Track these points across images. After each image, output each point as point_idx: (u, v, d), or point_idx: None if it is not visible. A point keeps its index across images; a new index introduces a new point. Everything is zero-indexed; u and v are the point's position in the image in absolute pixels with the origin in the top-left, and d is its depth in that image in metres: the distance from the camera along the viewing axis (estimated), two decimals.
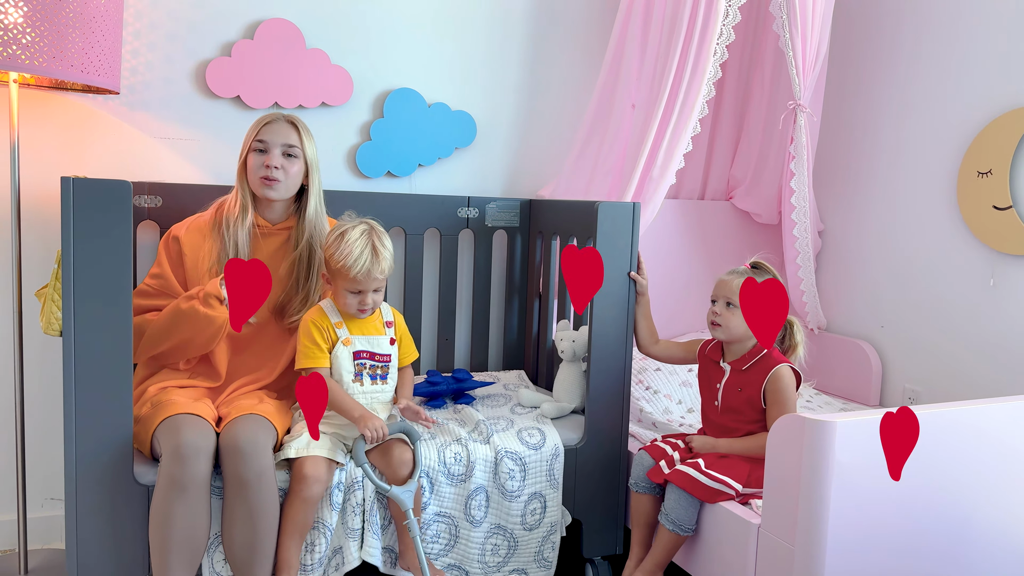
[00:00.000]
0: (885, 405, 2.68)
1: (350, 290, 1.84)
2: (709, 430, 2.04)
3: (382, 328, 1.95)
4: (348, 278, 1.82)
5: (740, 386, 1.96)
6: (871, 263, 2.75)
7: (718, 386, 2.00)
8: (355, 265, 1.80)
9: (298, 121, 1.97)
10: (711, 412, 2.03)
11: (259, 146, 1.92)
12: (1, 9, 1.75)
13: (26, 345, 2.14)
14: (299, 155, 1.95)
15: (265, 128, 1.93)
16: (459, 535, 1.97)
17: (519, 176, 2.76)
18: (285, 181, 1.94)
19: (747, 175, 2.90)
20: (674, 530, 1.88)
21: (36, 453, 2.23)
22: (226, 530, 1.71)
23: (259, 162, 1.92)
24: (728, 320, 1.95)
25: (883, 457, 1.58)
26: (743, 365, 1.97)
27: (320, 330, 1.85)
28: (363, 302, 1.85)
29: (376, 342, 1.92)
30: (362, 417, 1.79)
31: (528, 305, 2.66)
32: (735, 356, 1.99)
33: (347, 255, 1.80)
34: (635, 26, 2.53)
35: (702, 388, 2.09)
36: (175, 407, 1.75)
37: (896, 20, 2.67)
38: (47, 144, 2.20)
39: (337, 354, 1.86)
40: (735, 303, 1.94)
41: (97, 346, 1.66)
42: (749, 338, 1.97)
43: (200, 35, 2.31)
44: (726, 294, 1.96)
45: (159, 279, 1.93)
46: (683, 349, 2.17)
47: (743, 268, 2.00)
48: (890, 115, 2.68)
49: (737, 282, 1.94)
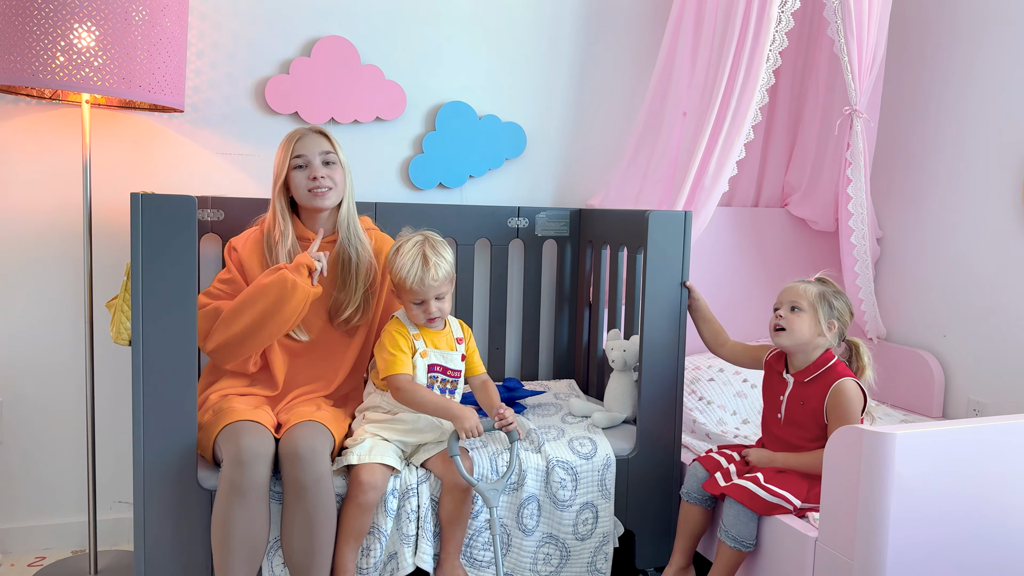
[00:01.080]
0: (948, 417, 2.60)
1: (412, 301, 1.90)
2: (770, 443, 2.00)
3: (454, 344, 2.00)
4: (406, 289, 1.88)
5: (803, 399, 1.91)
6: (932, 271, 2.68)
7: (781, 398, 1.95)
8: (408, 276, 1.86)
9: (326, 130, 2.02)
10: (773, 425, 1.98)
11: (298, 162, 1.96)
12: (75, 34, 1.84)
13: (97, 354, 2.23)
14: (337, 160, 1.99)
15: (298, 143, 1.97)
16: (511, 543, 1.98)
17: (569, 186, 2.77)
18: (335, 188, 1.98)
19: (803, 181, 2.86)
20: (736, 547, 1.84)
21: (106, 458, 2.32)
22: (285, 534, 1.75)
23: (304, 176, 1.96)
24: (793, 323, 1.90)
25: (948, 470, 1.54)
26: (806, 377, 1.91)
27: (404, 337, 1.91)
28: (427, 311, 1.90)
29: (449, 357, 1.97)
30: (458, 417, 1.84)
31: (578, 314, 2.66)
32: (798, 367, 1.94)
33: (401, 267, 1.87)
34: (686, 34, 2.52)
35: (765, 399, 2.04)
36: (236, 414, 1.81)
37: (955, 21, 2.60)
38: (116, 161, 2.30)
39: (414, 364, 1.91)
40: (800, 306, 1.89)
41: (164, 355, 1.72)
42: (814, 347, 1.91)
43: (259, 53, 2.39)
44: (791, 298, 1.91)
45: (229, 283, 1.98)
46: (747, 353, 2.11)
47: (810, 280, 1.96)
48: (951, 119, 2.61)
49: (804, 287, 1.90)
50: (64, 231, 2.27)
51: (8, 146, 2.21)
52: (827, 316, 1.90)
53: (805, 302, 1.90)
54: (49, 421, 2.31)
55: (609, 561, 2.07)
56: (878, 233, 2.82)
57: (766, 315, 2.03)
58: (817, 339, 1.90)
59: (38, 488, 2.33)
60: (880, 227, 2.84)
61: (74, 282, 2.29)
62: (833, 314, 1.90)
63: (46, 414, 2.31)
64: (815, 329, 1.89)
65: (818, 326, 1.89)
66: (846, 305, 1.93)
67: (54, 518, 2.34)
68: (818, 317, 1.89)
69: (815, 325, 1.89)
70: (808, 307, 1.90)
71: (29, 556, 2.29)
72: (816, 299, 1.90)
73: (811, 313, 1.89)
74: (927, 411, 2.60)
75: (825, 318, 1.89)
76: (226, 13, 2.35)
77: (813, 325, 1.89)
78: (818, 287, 1.92)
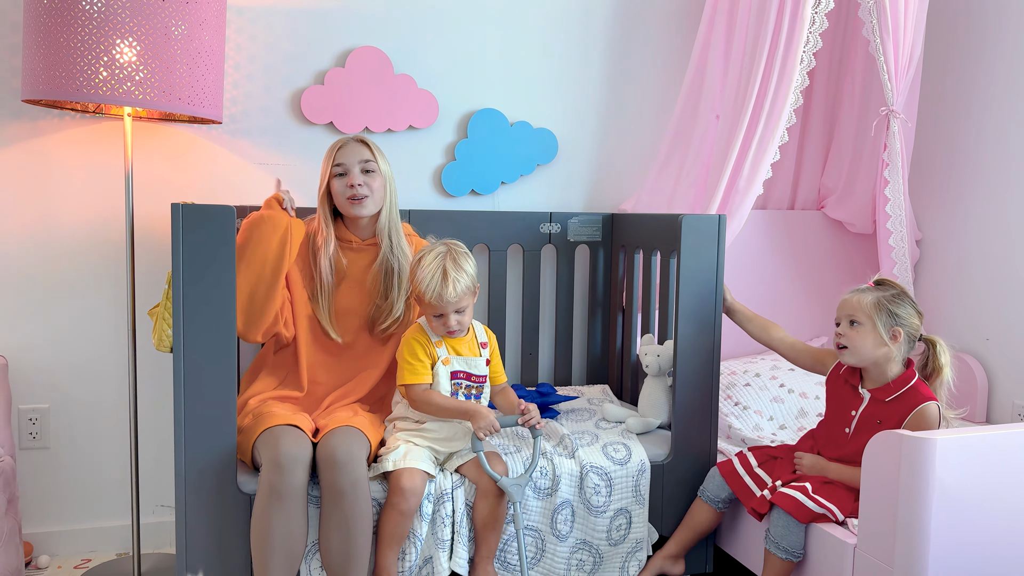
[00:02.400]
0: (993, 422, 2.54)
1: (432, 314, 1.91)
2: (826, 451, 1.92)
3: (477, 349, 2.00)
4: (425, 302, 1.89)
5: (880, 418, 1.81)
6: (975, 273, 2.62)
7: (853, 413, 1.87)
8: (428, 289, 1.86)
9: (368, 139, 2.05)
10: (839, 437, 1.89)
11: (338, 170, 2.00)
12: (117, 50, 1.90)
13: (139, 361, 2.28)
14: (376, 169, 2.02)
15: (340, 152, 2.01)
16: (545, 549, 1.98)
17: (601, 190, 2.77)
18: (372, 196, 2.01)
19: (839, 183, 2.82)
20: (786, 558, 1.80)
21: (148, 462, 2.37)
22: (323, 538, 1.77)
23: (343, 184, 1.99)
24: (854, 340, 1.81)
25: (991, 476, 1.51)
26: (886, 396, 1.82)
27: (422, 346, 1.92)
28: (446, 323, 1.89)
29: (473, 363, 1.97)
30: (475, 416, 1.85)
31: (611, 319, 2.66)
32: (876, 384, 1.85)
33: (420, 280, 1.87)
34: (718, 37, 2.51)
35: (832, 410, 1.94)
36: (275, 419, 1.84)
37: (997, 18, 2.55)
38: (157, 172, 2.35)
39: (436, 372, 1.92)
40: (859, 320, 1.81)
41: (204, 362, 1.76)
42: (887, 359, 1.81)
43: (295, 65, 2.43)
44: (848, 312, 1.83)
45: None
46: (812, 356, 2.03)
47: (865, 285, 1.87)
48: (995, 117, 2.56)
49: (858, 298, 1.82)
50: (107, 241, 2.33)
51: (54, 159, 2.28)
52: (887, 325, 1.79)
53: (862, 314, 1.80)
54: (94, 427, 2.38)
55: (641, 567, 2.06)
56: (917, 235, 2.77)
57: (803, 319, 2.01)
58: (883, 351, 1.80)
59: (84, 492, 2.39)
60: (919, 229, 2.79)
61: (117, 291, 2.35)
62: (895, 321, 1.80)
63: (91, 420, 2.37)
64: (878, 341, 1.80)
65: (880, 338, 1.80)
66: (911, 307, 1.82)
67: (99, 522, 2.40)
68: (878, 329, 1.79)
69: (876, 337, 1.80)
70: (866, 319, 1.80)
71: (75, 558, 2.35)
72: (873, 309, 1.80)
73: (870, 325, 1.80)
74: (970, 416, 2.54)
75: (885, 328, 1.79)
76: (262, 26, 2.39)
77: (875, 338, 1.80)
78: (874, 294, 1.82)
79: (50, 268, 2.30)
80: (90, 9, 1.86)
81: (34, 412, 2.32)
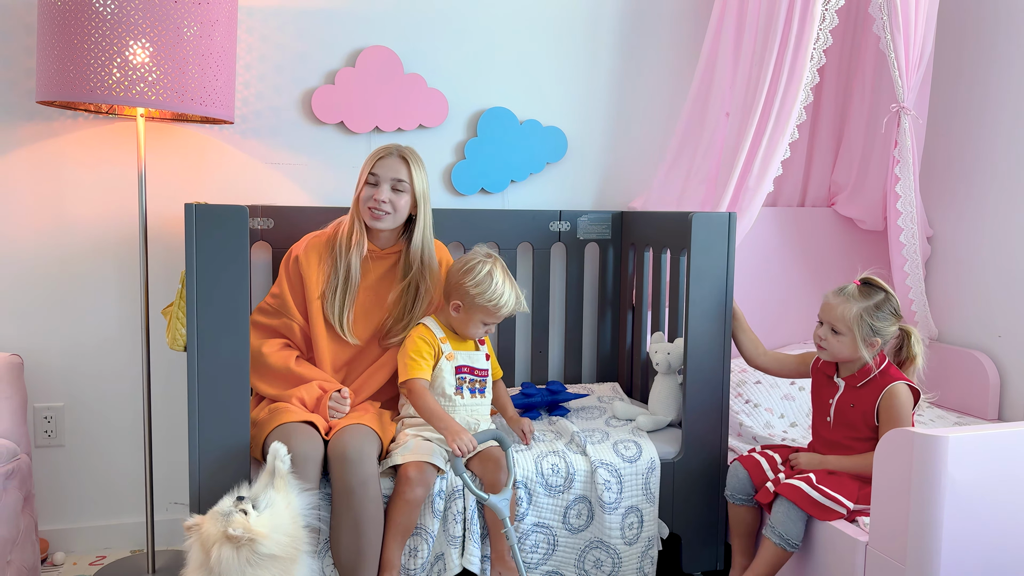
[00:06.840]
0: (1004, 419, 2.53)
1: (485, 321, 1.99)
2: (819, 446, 1.99)
3: (476, 345, 2.06)
4: (492, 314, 1.98)
5: (853, 402, 1.91)
6: (987, 270, 2.61)
7: (831, 402, 1.95)
8: (505, 306, 1.97)
9: (410, 155, 2.05)
10: (823, 428, 1.98)
11: (372, 179, 2.02)
12: (130, 51, 1.91)
13: (153, 360, 2.30)
14: (407, 189, 2.03)
15: (379, 163, 2.02)
16: (557, 543, 1.99)
17: (610, 188, 2.77)
18: (393, 214, 2.02)
19: (850, 180, 2.81)
20: (780, 544, 1.84)
21: (162, 460, 2.39)
22: (334, 535, 1.79)
23: (369, 195, 2.01)
24: (832, 345, 1.91)
25: (1003, 474, 1.51)
26: (858, 382, 1.91)
27: (428, 344, 1.96)
28: (489, 329, 2.04)
29: (475, 358, 2.03)
30: (449, 430, 1.85)
31: (621, 317, 2.66)
32: (849, 372, 1.94)
33: (499, 296, 1.97)
34: (728, 34, 2.51)
35: (814, 403, 2.03)
36: (289, 415, 1.85)
37: (1008, 14, 2.53)
38: (170, 172, 2.37)
39: (441, 367, 1.97)
40: (840, 330, 1.88)
41: (218, 360, 1.78)
42: (858, 359, 1.91)
43: (305, 65, 2.44)
44: (831, 320, 1.90)
45: (278, 299, 2.05)
46: (796, 362, 2.11)
47: (851, 287, 1.91)
48: (1008, 115, 2.54)
49: (842, 309, 1.88)
50: (120, 241, 2.35)
51: (67, 159, 2.30)
52: (867, 336, 1.88)
53: (843, 326, 1.88)
54: (108, 425, 2.40)
55: (654, 565, 2.06)
56: (928, 232, 2.76)
57: (814, 317, 2.01)
58: (859, 354, 1.89)
59: (98, 490, 2.41)
60: (930, 225, 2.77)
61: (130, 290, 2.37)
62: (874, 333, 1.87)
63: (105, 418, 2.39)
64: (854, 348, 1.88)
65: (857, 347, 1.88)
66: (891, 315, 1.89)
67: (113, 519, 2.42)
68: (856, 341, 1.87)
69: (854, 346, 1.88)
70: (846, 331, 1.88)
71: (90, 555, 2.37)
72: (855, 322, 1.87)
73: (850, 337, 1.88)
74: (982, 413, 2.53)
75: (864, 339, 1.88)
76: (273, 27, 2.40)
77: (852, 346, 1.88)
78: (858, 305, 1.87)
79: (64, 268, 2.32)
80: (103, 11, 1.88)
81: (49, 410, 2.35)
